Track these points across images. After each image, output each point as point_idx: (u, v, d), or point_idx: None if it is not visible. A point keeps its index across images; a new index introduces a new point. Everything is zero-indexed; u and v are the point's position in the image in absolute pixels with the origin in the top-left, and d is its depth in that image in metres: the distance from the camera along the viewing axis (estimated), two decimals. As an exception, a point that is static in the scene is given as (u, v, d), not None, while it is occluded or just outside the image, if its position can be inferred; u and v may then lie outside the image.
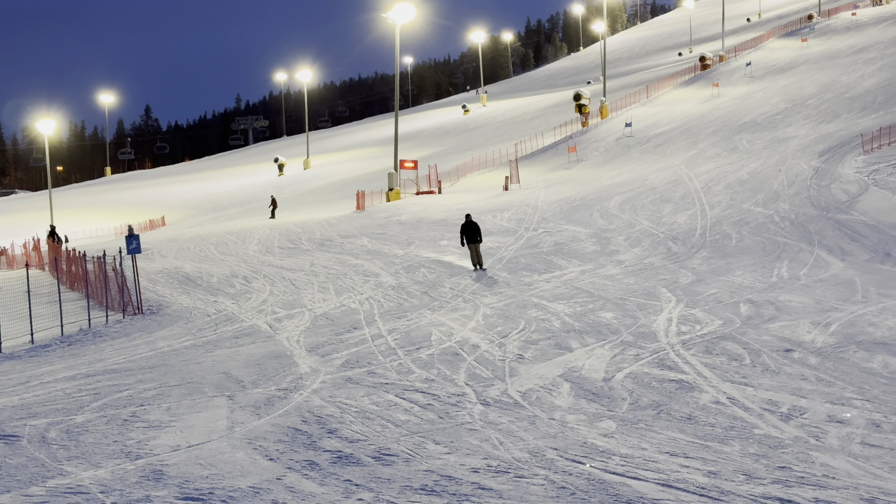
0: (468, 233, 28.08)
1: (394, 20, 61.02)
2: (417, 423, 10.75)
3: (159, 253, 42.29)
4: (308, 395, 12.65)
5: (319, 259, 34.25)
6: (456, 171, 69.01)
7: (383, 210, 50.63)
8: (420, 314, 20.80)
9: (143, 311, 26.01)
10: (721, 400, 11.24)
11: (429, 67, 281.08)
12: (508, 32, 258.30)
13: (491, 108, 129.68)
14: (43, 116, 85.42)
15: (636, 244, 30.84)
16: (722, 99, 77.09)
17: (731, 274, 24.22)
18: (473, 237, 27.94)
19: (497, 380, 13.04)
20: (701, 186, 41.87)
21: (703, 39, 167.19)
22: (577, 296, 21.93)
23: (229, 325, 21.83)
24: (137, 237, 27.46)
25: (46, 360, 19.40)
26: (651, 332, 16.45)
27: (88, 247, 51.65)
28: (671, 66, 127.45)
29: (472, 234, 27.92)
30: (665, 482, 8.09)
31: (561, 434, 9.97)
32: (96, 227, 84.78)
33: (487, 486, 8.17)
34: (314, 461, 9.24)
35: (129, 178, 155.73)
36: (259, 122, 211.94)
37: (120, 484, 8.64)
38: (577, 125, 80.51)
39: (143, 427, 11.17)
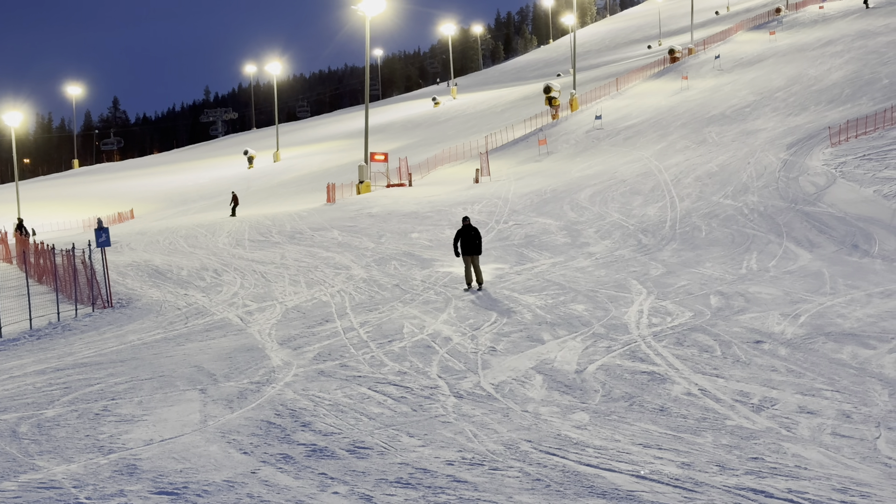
0: (465, 241, 23.45)
1: (364, 12, 60.87)
2: (391, 415, 10.75)
3: (128, 246, 42.02)
4: (281, 388, 12.62)
5: (290, 252, 34.16)
6: (426, 164, 68.96)
7: (354, 203, 50.55)
8: (392, 307, 20.79)
9: (112, 305, 25.85)
10: (693, 391, 11.31)
11: (399, 60, 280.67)
12: (478, 25, 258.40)
13: (461, 101, 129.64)
14: (9, 108, 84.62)
15: (607, 236, 30.96)
16: (691, 92, 77.43)
17: (701, 266, 24.37)
18: (472, 247, 23.33)
19: (470, 372, 13.06)
20: (671, 179, 42.07)
21: (673, 32, 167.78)
22: (548, 288, 21.99)
23: (200, 319, 21.73)
24: (107, 230, 27.27)
25: (15, 353, 19.25)
26: (622, 324, 16.52)
27: (56, 240, 51.25)
28: (641, 58, 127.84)
29: (471, 242, 23.34)
30: (639, 473, 8.13)
31: (535, 426, 10.00)
32: (64, 219, 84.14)
33: (462, 479, 8.19)
34: (288, 454, 9.22)
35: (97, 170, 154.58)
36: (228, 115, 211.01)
37: (93, 478, 8.59)
38: (547, 118, 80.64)
39: (114, 421, 11.11)
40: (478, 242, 23.36)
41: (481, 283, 23.25)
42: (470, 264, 23.40)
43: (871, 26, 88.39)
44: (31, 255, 35.67)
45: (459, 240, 23.58)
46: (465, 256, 23.49)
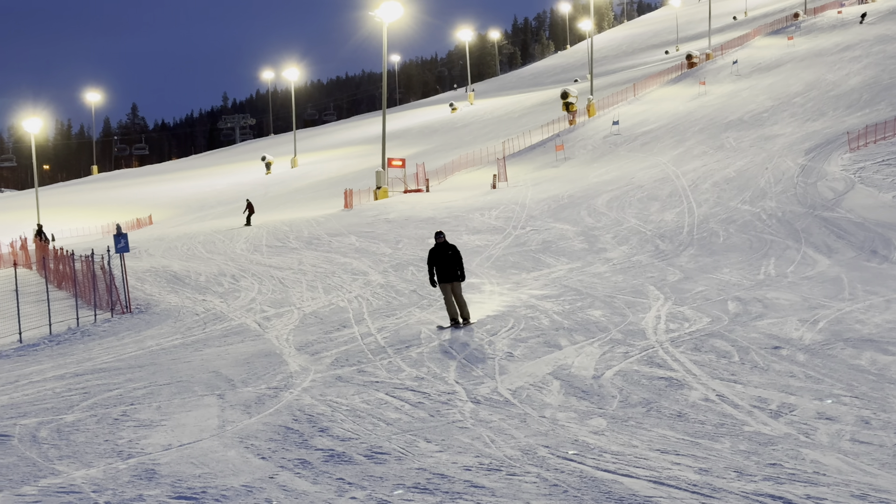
0: (442, 265, 18.72)
1: (381, 18, 60.99)
2: (409, 421, 10.76)
3: (147, 251, 42.19)
4: (298, 393, 12.66)
5: (308, 257, 34.23)
6: (444, 170, 69.00)
7: (371, 208, 50.61)
8: (409, 312, 20.81)
9: (131, 310, 25.96)
10: (710, 397, 11.29)
11: (416, 66, 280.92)
12: (495, 31, 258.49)
13: (478, 107, 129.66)
14: (29, 115, 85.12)
15: (624, 242, 30.91)
16: (708, 97, 77.26)
17: (719, 271, 24.31)
18: (450, 272, 18.67)
19: (487, 377, 13.06)
20: (688, 184, 41.99)
21: (690, 38, 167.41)
22: (565, 294, 21.97)
23: (218, 324, 21.81)
24: (125, 236, 27.40)
25: (35, 359, 19.36)
26: (640, 330, 16.50)
27: (76, 245, 51.50)
28: (658, 64, 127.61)
29: (448, 266, 18.69)
30: (657, 479, 8.12)
31: (552, 432, 10.00)
32: (83, 225, 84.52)
33: (480, 484, 8.19)
34: (306, 460, 9.25)
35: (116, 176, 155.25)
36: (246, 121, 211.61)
37: (112, 483, 8.63)
38: (564, 123, 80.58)
39: (133, 426, 11.16)
40: (458, 265, 18.79)
41: (467, 317, 18.69)
42: (451, 294, 18.79)
43: (889, 31, 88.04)
44: (51, 261, 35.85)
45: (435, 264, 18.90)
46: (442, 285, 18.79)
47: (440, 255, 18.87)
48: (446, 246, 18.95)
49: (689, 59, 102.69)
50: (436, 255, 18.93)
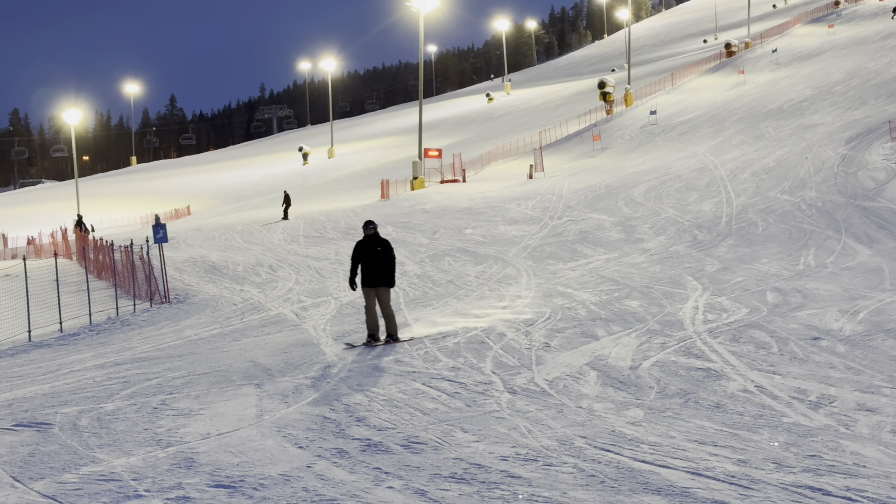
0: (367, 263, 15.90)
1: (417, 8, 60.98)
2: (445, 411, 10.77)
3: (185, 242, 42.49)
4: (335, 383, 12.70)
5: (345, 248, 34.33)
6: (480, 160, 68.95)
7: (408, 199, 50.67)
8: (445, 302, 20.83)
9: (169, 300, 26.17)
10: (749, 388, 11.21)
11: (453, 56, 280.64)
12: (532, 20, 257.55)
13: (515, 97, 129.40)
14: (69, 106, 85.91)
15: (661, 232, 30.77)
16: (748, 86, 76.66)
17: (758, 262, 24.13)
18: (375, 273, 15.80)
19: (524, 368, 13.05)
20: (726, 174, 41.70)
21: (729, 26, 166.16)
22: (602, 284, 21.90)
23: (256, 314, 21.94)
24: (164, 226, 27.62)
25: (75, 348, 19.56)
26: (677, 321, 16.41)
27: (115, 236, 51.94)
28: (696, 53, 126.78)
29: (375, 265, 15.80)
30: (694, 470, 8.08)
31: (589, 422, 9.97)
32: (122, 216, 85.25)
33: (517, 474, 8.19)
34: (343, 449, 9.28)
35: (155, 167, 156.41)
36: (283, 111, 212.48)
37: (152, 471, 8.70)
38: (601, 113, 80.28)
39: (172, 415, 11.25)
40: (388, 266, 15.89)
41: (393, 333, 15.98)
42: (374, 302, 15.88)
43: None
44: (91, 252, 36.18)
45: (359, 261, 16.05)
46: (365, 290, 15.89)
47: (367, 250, 15.96)
48: (376, 240, 16.01)
49: (728, 48, 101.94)
50: (362, 250, 16.03)
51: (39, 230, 70.13)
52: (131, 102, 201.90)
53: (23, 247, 65.09)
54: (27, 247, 63.48)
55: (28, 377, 15.73)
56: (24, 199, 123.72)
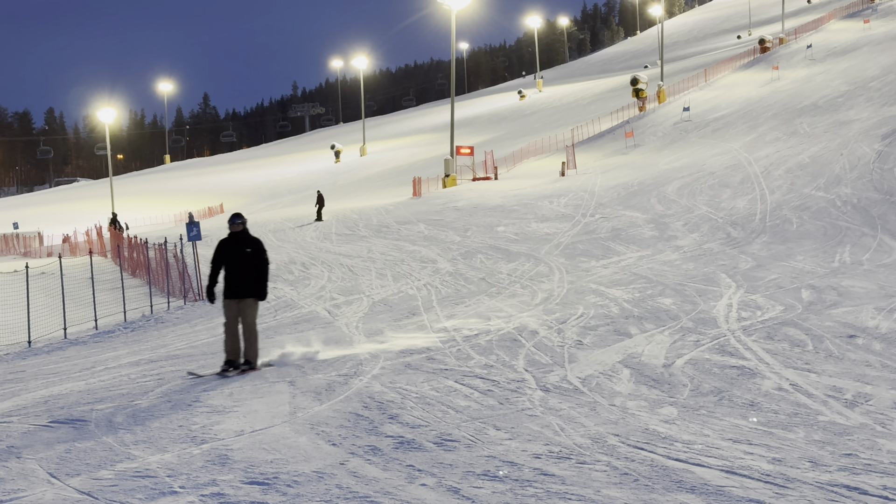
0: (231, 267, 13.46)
1: (449, 6, 60.98)
2: (478, 408, 10.77)
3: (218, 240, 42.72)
4: (368, 380, 12.72)
5: (377, 245, 34.39)
6: (512, 157, 68.87)
7: (440, 196, 50.69)
8: (478, 300, 20.82)
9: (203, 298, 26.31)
10: (784, 386, 11.14)
11: (484, 53, 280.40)
12: (564, 17, 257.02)
13: (547, 94, 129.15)
14: (104, 105, 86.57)
15: (695, 229, 30.61)
16: (782, 82, 76.10)
17: (792, 259, 23.95)
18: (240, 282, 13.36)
19: (556, 366, 13.02)
20: (760, 171, 41.42)
21: (763, 22, 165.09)
22: (635, 281, 21.82)
23: (289, 312, 22.01)
24: (198, 224, 27.79)
25: (111, 345, 19.72)
26: (711, 318, 16.33)
27: (149, 234, 52.28)
28: (730, 49, 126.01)
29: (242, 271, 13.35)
30: (729, 469, 8.03)
31: (622, 420, 9.94)
32: (156, 214, 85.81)
33: (550, 472, 8.17)
34: (376, 446, 9.29)
35: (188, 165, 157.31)
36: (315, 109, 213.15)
37: (186, 468, 8.75)
38: (634, 110, 79.96)
39: (206, 412, 11.30)
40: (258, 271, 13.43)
41: (252, 358, 13.44)
42: (236, 319, 13.39)
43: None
44: (125, 250, 36.44)
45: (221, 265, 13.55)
46: (226, 302, 13.42)
47: (232, 252, 13.29)
48: (244, 239, 13.39)
49: (762, 44, 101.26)
50: (225, 251, 13.37)
51: (75, 228, 70.72)
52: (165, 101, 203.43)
53: (58, 245, 65.65)
54: (63, 245, 64.02)
55: (64, 374, 15.86)
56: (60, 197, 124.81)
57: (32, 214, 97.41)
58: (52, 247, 65.55)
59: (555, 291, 21.14)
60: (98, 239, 55.44)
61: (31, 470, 9.04)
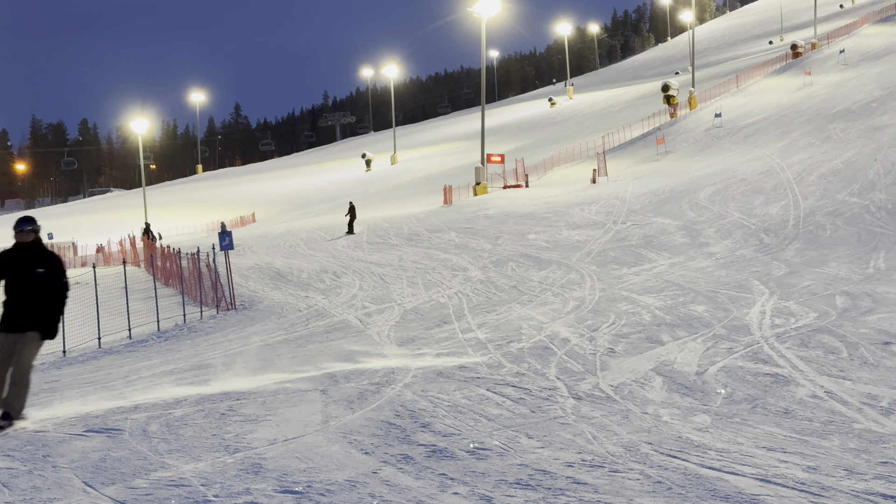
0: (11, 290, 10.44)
1: (479, 14, 61.03)
2: (510, 417, 10.75)
3: (250, 249, 42.91)
4: (400, 389, 12.73)
5: (408, 254, 34.44)
6: (543, 165, 68.80)
7: (470, 204, 50.69)
8: (509, 308, 20.79)
9: (236, 307, 26.43)
10: (818, 394, 11.05)
11: (514, 60, 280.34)
12: (595, 24, 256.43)
13: (577, 101, 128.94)
14: (137, 116, 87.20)
15: (727, 236, 30.45)
16: (814, 87, 75.61)
17: (826, 265, 23.77)
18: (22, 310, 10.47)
19: (588, 374, 12.98)
20: (793, 177, 41.16)
21: (795, 27, 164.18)
22: (667, 289, 21.73)
23: (320, 320, 22.08)
24: (230, 234, 27.92)
25: (144, 354, 19.83)
26: (744, 325, 16.23)
27: (182, 243, 52.60)
28: (762, 54, 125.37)
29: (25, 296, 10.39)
30: (763, 477, 7.98)
31: (655, 428, 9.89)
32: (189, 223, 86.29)
33: (582, 481, 8.15)
34: (409, 455, 9.30)
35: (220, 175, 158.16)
36: (346, 118, 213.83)
37: (220, 477, 8.79)
38: (665, 116, 79.70)
39: (239, 421, 11.35)
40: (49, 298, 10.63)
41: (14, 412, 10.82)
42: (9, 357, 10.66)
43: None
44: (158, 259, 36.68)
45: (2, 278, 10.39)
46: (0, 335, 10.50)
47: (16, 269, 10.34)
48: (36, 253, 10.47)
49: (794, 49, 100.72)
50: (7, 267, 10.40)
51: (108, 238, 71.27)
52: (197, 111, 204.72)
53: (92, 255, 66.17)
54: (96, 255, 64.53)
55: (98, 383, 15.97)
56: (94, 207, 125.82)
57: (67, 225, 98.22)
58: (87, 257, 66.07)
59: (586, 299, 21.09)
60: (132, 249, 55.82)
61: (66, 479, 9.11)
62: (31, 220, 10.34)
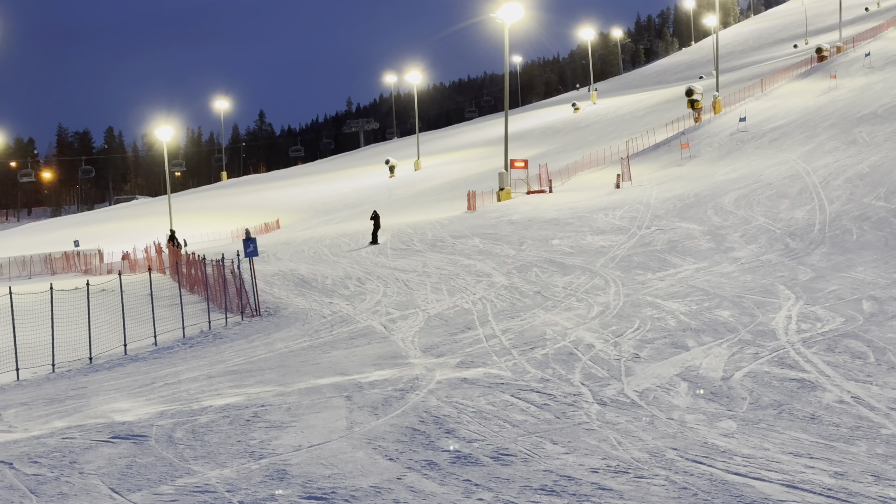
0: None
1: (502, 20, 61.01)
2: (534, 422, 10.74)
3: (275, 255, 43.01)
4: (424, 395, 12.74)
5: (432, 260, 34.43)
6: (567, 170, 68.69)
7: (494, 210, 50.64)
8: (533, 314, 20.76)
9: (260, 313, 26.49)
10: (845, 399, 10.98)
11: (538, 66, 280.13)
12: (618, 29, 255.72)
13: (601, 106, 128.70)
14: (162, 123, 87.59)
15: (752, 241, 30.29)
16: (840, 91, 75.16)
17: (853, 270, 23.61)
18: None
19: (613, 379, 12.95)
20: (819, 181, 40.92)
21: (820, 31, 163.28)
22: (692, 294, 21.64)
23: (345, 327, 22.10)
24: (254, 240, 27.99)
25: (170, 361, 19.92)
26: (770, 330, 16.15)
27: (207, 250, 52.79)
28: (786, 58, 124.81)
29: None
30: (790, 483, 7.94)
31: (680, 434, 9.86)
32: (213, 230, 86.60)
33: (607, 487, 8.13)
34: (433, 461, 9.30)
35: (244, 182, 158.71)
36: (370, 125, 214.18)
37: (245, 483, 8.82)
38: (689, 121, 79.39)
39: (264, 427, 11.38)
40: None
41: None
42: None
43: None
44: (183, 266, 36.84)
45: None
46: None
47: None
48: None
49: (819, 53, 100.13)
50: None
51: (134, 245, 71.60)
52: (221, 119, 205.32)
53: (118, 262, 66.52)
54: (122, 262, 64.87)
55: (124, 390, 16.06)
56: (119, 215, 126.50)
57: (93, 232, 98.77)
58: (112, 264, 66.42)
59: (611, 304, 21.03)
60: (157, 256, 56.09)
61: (93, 485, 9.17)
62: None
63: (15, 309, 20.93)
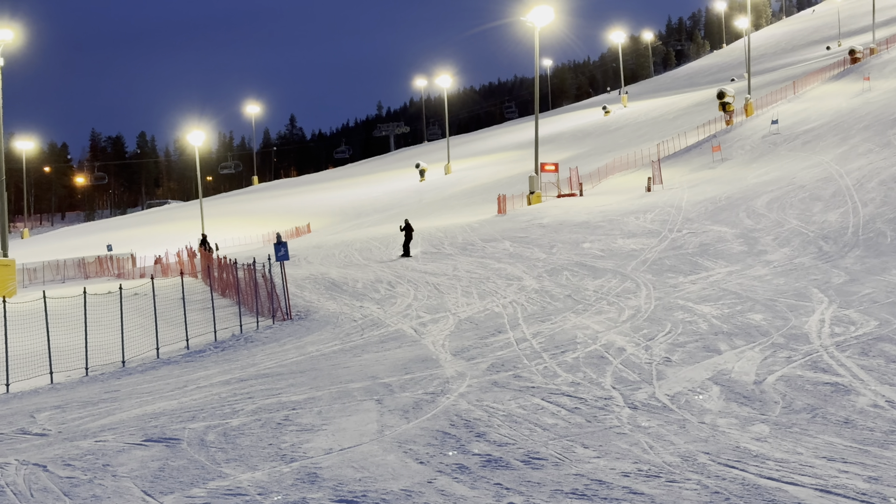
0: None
1: (533, 23, 60.99)
2: (565, 426, 10.71)
3: (306, 259, 43.15)
4: (455, 398, 12.73)
5: (462, 263, 34.43)
6: (597, 173, 68.52)
7: (525, 213, 50.60)
8: (564, 317, 20.71)
9: (291, 317, 26.59)
10: (880, 403, 10.89)
11: (568, 69, 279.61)
12: (649, 31, 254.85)
13: (632, 109, 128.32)
14: (194, 128, 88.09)
15: (785, 244, 30.09)
16: (874, 93, 74.56)
17: (887, 273, 23.39)
18: None
19: (644, 383, 12.90)
20: (853, 183, 40.59)
21: (853, 32, 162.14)
22: (724, 297, 21.52)
23: (375, 330, 22.14)
24: (285, 244, 28.08)
25: (202, 364, 20.02)
26: (803, 334, 16.03)
27: (238, 254, 53.03)
28: (819, 60, 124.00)
29: None
30: (823, 487, 7.88)
31: (712, 438, 9.80)
32: (245, 234, 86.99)
33: (639, 491, 8.09)
34: (464, 464, 9.29)
35: (275, 186, 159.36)
36: (400, 129, 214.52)
37: (277, 486, 8.85)
38: (720, 124, 79.01)
39: (296, 430, 11.42)
40: None
41: None
42: None
43: None
44: (215, 270, 37.02)
45: None
46: None
47: None
48: None
49: (853, 55, 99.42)
50: None
51: (166, 249, 72.03)
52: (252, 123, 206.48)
53: (150, 266, 66.92)
54: (154, 266, 65.26)
55: (157, 393, 16.15)
56: (152, 219, 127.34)
57: (125, 237, 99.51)
58: (145, 268, 66.82)
59: (642, 308, 20.95)
60: (189, 260, 56.38)
61: (126, 488, 9.22)
62: None
63: (49, 313, 21.12)
